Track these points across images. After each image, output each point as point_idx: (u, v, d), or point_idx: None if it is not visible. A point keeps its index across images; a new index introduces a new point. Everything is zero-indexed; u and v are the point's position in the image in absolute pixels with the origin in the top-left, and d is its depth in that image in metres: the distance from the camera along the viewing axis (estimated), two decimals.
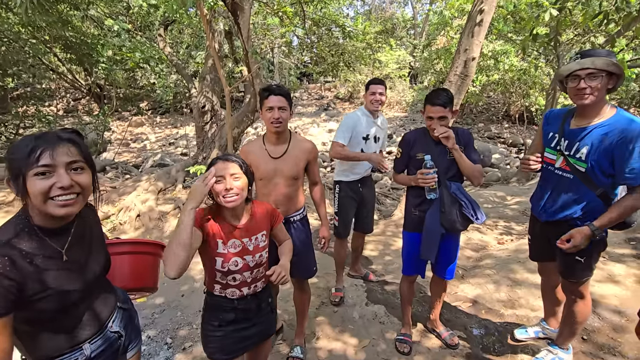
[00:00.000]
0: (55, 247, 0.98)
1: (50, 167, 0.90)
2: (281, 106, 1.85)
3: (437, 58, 11.98)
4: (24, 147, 0.90)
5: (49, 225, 0.97)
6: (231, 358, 1.46)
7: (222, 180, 1.31)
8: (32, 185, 0.89)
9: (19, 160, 0.90)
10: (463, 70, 3.94)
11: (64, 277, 0.98)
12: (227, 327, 1.43)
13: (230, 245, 1.38)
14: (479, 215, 1.96)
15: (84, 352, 1.06)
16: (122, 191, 5.11)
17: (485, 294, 2.76)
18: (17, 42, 8.02)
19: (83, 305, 1.06)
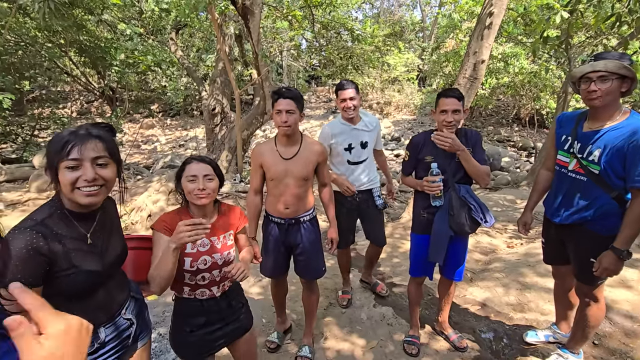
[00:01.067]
0: (81, 231, 1.08)
1: (78, 160, 1.00)
2: (289, 109, 1.88)
3: (446, 61, 11.94)
4: (59, 141, 1.01)
5: (77, 210, 1.07)
6: (206, 357, 1.50)
7: (195, 180, 1.36)
8: (62, 176, 1.00)
9: (53, 153, 1.01)
10: (472, 73, 3.94)
11: (88, 258, 1.06)
12: (199, 331, 1.44)
13: (198, 244, 1.40)
14: (488, 218, 1.96)
15: (99, 335, 1.13)
16: (133, 192, 5.20)
17: (494, 297, 2.75)
18: (33, 46, 8.24)
19: (101, 290, 1.13)
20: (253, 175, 2.08)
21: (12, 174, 5.92)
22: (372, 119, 2.62)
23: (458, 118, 1.91)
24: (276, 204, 2.03)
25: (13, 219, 4.64)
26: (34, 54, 8.42)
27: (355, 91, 2.41)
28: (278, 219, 2.07)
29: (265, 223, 2.14)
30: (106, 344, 1.15)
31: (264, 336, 2.36)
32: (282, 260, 2.15)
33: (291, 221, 2.05)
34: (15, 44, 7.85)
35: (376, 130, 2.62)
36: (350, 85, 2.42)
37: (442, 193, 1.96)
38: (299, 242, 2.09)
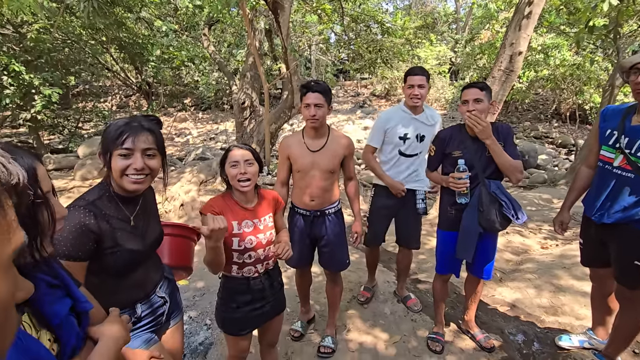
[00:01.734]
0: (126, 213, 1.17)
1: (130, 150, 1.10)
2: (317, 103, 1.90)
3: (480, 53, 11.45)
4: (116, 130, 1.10)
5: (123, 194, 1.16)
6: (247, 332, 1.61)
7: (237, 165, 1.45)
8: (115, 162, 1.10)
9: (109, 140, 1.10)
10: (508, 65, 3.77)
11: (131, 239, 1.16)
12: (245, 307, 1.55)
13: (244, 225, 1.51)
14: (520, 215, 1.88)
15: (136, 311, 1.23)
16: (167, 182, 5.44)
17: (525, 298, 2.65)
18: (78, 43, 8.77)
19: (140, 268, 1.22)
20: (280, 167, 2.12)
21: (59, 163, 6.38)
22: (434, 113, 2.46)
23: (481, 107, 1.85)
24: (302, 196, 2.06)
25: None
26: (78, 50, 8.96)
27: (425, 79, 2.27)
28: (303, 210, 2.10)
29: (291, 214, 2.18)
30: (142, 319, 1.25)
31: (288, 324, 2.41)
32: (307, 252, 2.19)
33: (316, 213, 2.08)
34: (63, 41, 8.38)
35: (436, 126, 2.42)
36: (421, 71, 2.28)
37: (468, 190, 1.90)
38: (323, 234, 2.11)
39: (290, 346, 2.27)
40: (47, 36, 7.71)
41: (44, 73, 7.04)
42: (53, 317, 0.72)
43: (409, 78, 2.30)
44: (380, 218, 2.51)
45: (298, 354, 2.21)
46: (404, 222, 2.52)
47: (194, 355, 2.20)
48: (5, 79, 6.48)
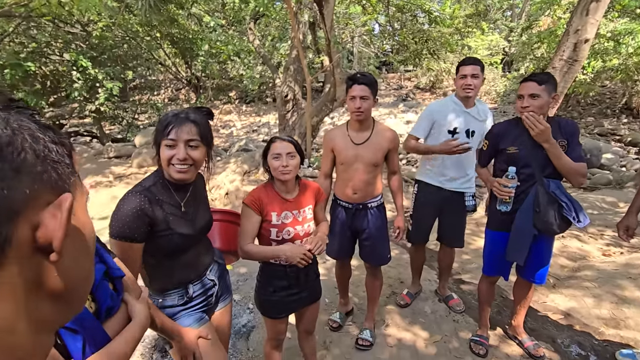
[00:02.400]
0: (177, 199, 1.24)
1: (174, 141, 1.17)
2: (363, 95, 1.88)
3: (538, 42, 10.58)
4: (164, 122, 1.19)
5: (174, 181, 1.23)
6: (283, 317, 1.66)
7: (279, 158, 1.48)
8: (162, 152, 1.19)
9: (158, 131, 1.19)
10: (572, 55, 3.45)
11: (181, 223, 1.23)
12: (281, 292, 1.60)
13: (283, 216, 1.54)
14: (582, 218, 1.73)
15: (188, 291, 1.31)
16: (212, 171, 5.71)
17: (581, 308, 2.45)
18: (135, 39, 9.40)
19: (191, 251, 1.30)
20: (324, 159, 2.13)
21: (118, 151, 6.93)
22: (486, 108, 2.33)
23: (537, 104, 1.72)
24: (344, 189, 2.06)
25: (119, 189, 5.47)
26: (135, 46, 9.61)
27: (479, 69, 2.15)
28: (346, 203, 2.10)
29: (333, 207, 2.19)
30: (193, 298, 1.33)
31: (326, 315, 2.45)
32: (348, 244, 2.19)
33: (358, 206, 2.07)
34: (122, 38, 9.03)
35: (487, 122, 2.29)
36: (475, 61, 2.17)
37: (511, 200, 1.81)
38: (365, 227, 2.09)
39: (329, 336, 2.30)
40: (109, 34, 8.36)
41: (106, 68, 7.65)
42: None
43: (462, 68, 2.18)
44: (425, 215, 2.43)
45: (336, 344, 2.24)
46: (448, 220, 2.41)
47: (238, 337, 2.31)
48: (75, 74, 7.14)
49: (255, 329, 2.37)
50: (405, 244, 3.55)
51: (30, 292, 0.30)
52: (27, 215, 0.29)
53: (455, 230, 2.41)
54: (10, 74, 6.27)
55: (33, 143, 0.30)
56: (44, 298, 0.32)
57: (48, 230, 0.30)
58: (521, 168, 1.83)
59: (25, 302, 0.30)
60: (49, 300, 0.32)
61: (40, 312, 0.32)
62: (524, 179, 1.84)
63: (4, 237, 0.27)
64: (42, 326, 0.32)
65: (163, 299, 1.28)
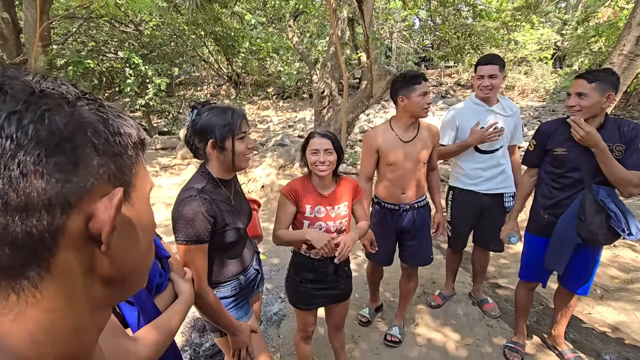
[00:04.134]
0: (227, 194, 1.31)
1: (245, 132, 1.26)
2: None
3: (595, 35, 9.76)
4: (227, 120, 1.21)
5: (223, 177, 1.29)
6: (309, 309, 1.69)
7: (317, 153, 1.51)
8: (238, 146, 1.23)
9: (232, 127, 1.22)
10: (633, 49, 3.17)
11: (235, 217, 1.30)
12: (307, 284, 1.63)
13: (316, 210, 1.57)
14: (634, 231, 1.61)
15: (240, 281, 1.39)
16: (250, 164, 5.92)
17: (631, 322, 2.28)
18: (182, 37, 9.88)
19: (241, 243, 1.38)
20: (366, 160, 2.03)
21: (164, 144, 7.37)
22: (511, 104, 2.29)
23: (585, 104, 1.62)
24: (392, 189, 2.00)
25: (164, 178, 5.82)
26: (181, 44, 10.11)
27: (497, 68, 2.11)
28: (391, 205, 2.03)
29: (376, 211, 2.10)
30: (244, 289, 1.41)
31: (355, 309, 2.47)
32: (392, 249, 2.15)
33: (406, 207, 2.02)
34: (170, 36, 9.54)
35: (515, 117, 2.25)
36: (493, 60, 2.13)
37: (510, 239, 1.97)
38: (410, 228, 2.04)
39: (358, 330, 2.33)
40: (159, 32, 8.86)
41: (155, 65, 8.13)
42: None
43: (479, 68, 2.15)
44: (463, 222, 2.38)
45: (364, 338, 2.26)
46: (487, 223, 2.33)
47: (269, 324, 2.40)
48: (128, 70, 7.66)
49: (286, 318, 2.46)
50: (439, 244, 3.48)
51: (86, 276, 0.32)
52: (82, 206, 0.30)
53: (493, 234, 2.26)
54: (72, 70, 6.86)
55: (94, 137, 0.32)
56: (99, 282, 0.34)
57: (99, 221, 0.31)
58: (569, 171, 1.74)
59: (82, 285, 0.32)
60: (104, 284, 0.35)
61: (96, 293, 0.34)
62: (571, 183, 1.75)
63: (56, 227, 0.29)
64: (98, 305, 0.35)
65: (217, 291, 1.33)
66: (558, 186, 1.80)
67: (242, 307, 1.41)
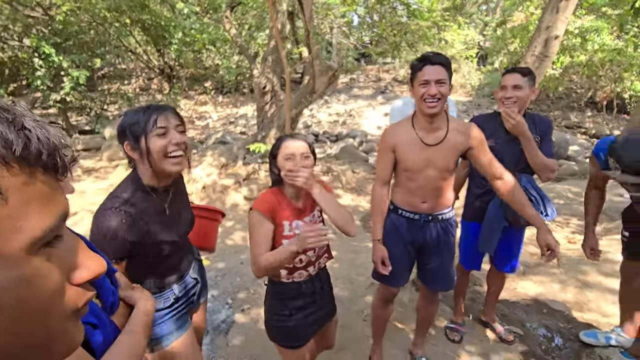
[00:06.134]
0: (161, 203, 1.17)
1: (165, 128, 1.10)
2: (439, 79, 1.45)
3: (512, 37, 10.90)
4: (140, 116, 1.09)
5: (156, 184, 1.15)
6: (304, 344, 1.44)
7: (293, 158, 1.31)
8: (154, 144, 1.08)
9: (141, 125, 1.07)
10: (543, 50, 3.57)
11: (167, 230, 1.17)
12: (297, 314, 1.39)
13: (294, 226, 1.36)
14: (549, 212, 1.82)
15: (174, 291, 1.27)
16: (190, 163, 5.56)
17: (548, 293, 2.59)
18: (103, 25, 8.90)
19: (176, 254, 1.25)
20: (381, 162, 1.68)
21: (86, 144, 6.61)
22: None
23: (520, 95, 1.76)
24: (410, 197, 1.66)
25: (89, 183, 5.22)
26: (103, 33, 9.11)
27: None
28: (411, 213, 1.68)
29: (391, 217, 1.75)
30: (179, 299, 1.29)
31: None
32: (408, 265, 1.79)
33: (427, 217, 1.66)
34: (89, 23, 8.53)
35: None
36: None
37: None
38: (432, 243, 1.69)
39: None
40: (74, 18, 7.87)
41: (71, 55, 7.22)
42: None
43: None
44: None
45: None
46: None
47: (217, 333, 2.27)
48: (36, 61, 6.69)
49: (235, 325, 2.35)
50: None
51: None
52: None
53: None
54: None
55: None
56: None
57: None
58: None
59: None
60: None
61: None
62: None
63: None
64: None
65: None
66: None
67: (180, 319, 1.29)
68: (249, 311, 2.46)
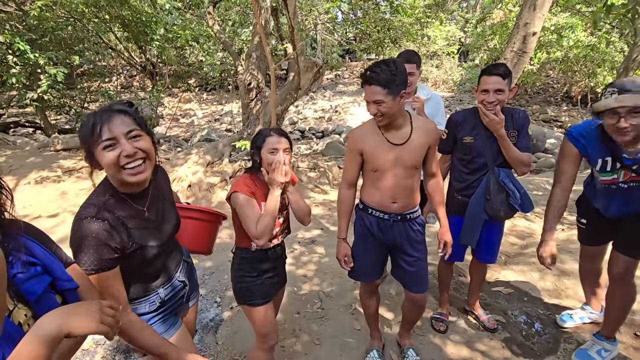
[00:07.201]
0: (139, 208, 1.12)
1: (112, 139, 0.98)
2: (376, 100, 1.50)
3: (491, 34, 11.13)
4: (87, 126, 0.99)
5: (129, 191, 1.09)
6: (268, 301, 1.62)
7: (276, 153, 1.47)
8: (103, 158, 0.99)
9: (86, 138, 1.00)
10: (521, 47, 3.68)
11: (149, 234, 1.13)
12: (263, 275, 1.60)
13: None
14: (527, 205, 1.91)
15: (159, 295, 1.25)
16: (174, 163, 5.48)
17: (528, 281, 2.69)
18: (81, 21, 8.62)
19: (161, 257, 1.22)
20: (349, 164, 1.73)
21: (67, 144, 6.41)
22: (426, 89, 2.36)
23: (502, 98, 1.81)
24: (381, 197, 1.68)
25: (69, 184, 5.09)
26: (81, 29, 8.82)
27: (415, 66, 2.15)
28: (381, 213, 1.70)
29: (361, 217, 1.78)
30: (165, 302, 1.27)
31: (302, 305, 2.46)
32: (379, 262, 1.84)
33: (397, 217, 1.70)
34: (66, 19, 8.25)
35: (435, 102, 2.31)
36: (412, 57, 2.14)
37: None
38: (403, 242, 1.73)
39: (298, 324, 2.33)
40: (50, 14, 7.59)
41: (48, 52, 6.97)
42: (29, 294, 0.73)
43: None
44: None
45: (305, 330, 2.27)
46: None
47: (205, 331, 2.28)
48: (11, 58, 6.44)
49: (224, 323, 2.36)
50: None
51: None
52: None
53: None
54: None
55: None
56: None
57: None
58: (476, 157, 1.95)
59: None
60: None
61: None
62: (478, 167, 1.96)
63: None
64: None
65: (133, 308, 1.18)
66: (468, 170, 2.01)
67: (167, 321, 1.28)
68: (237, 309, 2.47)
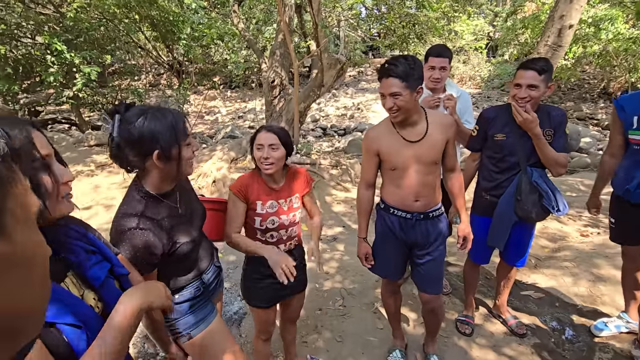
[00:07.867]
0: (172, 205, 1.18)
1: (189, 136, 1.13)
2: (394, 92, 1.49)
3: (523, 27, 10.66)
4: (173, 122, 1.07)
5: (162, 189, 1.15)
6: (270, 306, 1.64)
7: (262, 149, 1.47)
8: (186, 152, 1.12)
9: (178, 134, 1.08)
10: (556, 40, 3.50)
11: (185, 230, 1.19)
12: (267, 279, 1.56)
13: (268, 206, 1.53)
14: (561, 207, 1.80)
15: (203, 280, 1.34)
16: (199, 159, 5.61)
17: (560, 286, 2.57)
18: (112, 22, 8.96)
19: (199, 247, 1.30)
20: (366, 165, 1.72)
21: (99, 139, 6.70)
22: (457, 88, 2.34)
23: (535, 95, 1.71)
24: (403, 196, 1.65)
25: (101, 178, 5.32)
26: (113, 29, 9.18)
27: (448, 61, 2.14)
28: (403, 212, 1.67)
29: (382, 217, 1.76)
30: (208, 286, 1.36)
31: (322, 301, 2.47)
32: (401, 260, 1.81)
33: (419, 216, 1.67)
34: (99, 20, 8.60)
35: (464, 101, 2.25)
36: (445, 52, 2.13)
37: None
38: (425, 242, 1.70)
39: (320, 320, 2.34)
40: (85, 15, 7.94)
41: (83, 52, 7.30)
42: (94, 280, 0.80)
43: (430, 59, 2.14)
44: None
45: (327, 327, 2.28)
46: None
47: (229, 324, 2.32)
48: (49, 58, 6.79)
49: (247, 316, 2.40)
50: None
51: None
52: None
53: None
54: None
55: None
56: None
57: None
58: (507, 156, 1.87)
59: None
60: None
61: None
62: (509, 166, 1.88)
63: None
64: None
65: (179, 295, 1.26)
66: (498, 169, 1.93)
67: (206, 307, 1.34)
68: None
